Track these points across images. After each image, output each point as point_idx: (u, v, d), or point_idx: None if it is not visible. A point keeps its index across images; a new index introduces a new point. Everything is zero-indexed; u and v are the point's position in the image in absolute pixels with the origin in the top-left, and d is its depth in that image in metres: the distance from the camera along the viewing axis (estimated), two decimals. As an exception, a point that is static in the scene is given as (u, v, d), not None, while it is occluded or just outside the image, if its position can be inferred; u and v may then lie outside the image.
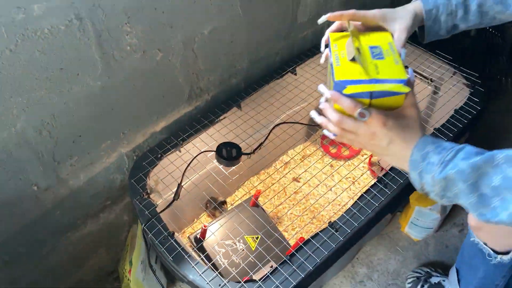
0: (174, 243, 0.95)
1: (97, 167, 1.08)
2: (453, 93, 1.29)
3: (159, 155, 1.11)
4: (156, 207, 1.01)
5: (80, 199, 1.09)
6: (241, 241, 1.31)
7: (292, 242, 1.36)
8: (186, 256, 0.92)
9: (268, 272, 0.89)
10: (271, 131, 1.16)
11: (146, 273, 1.16)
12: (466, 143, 0.54)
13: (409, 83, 0.56)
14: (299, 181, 1.54)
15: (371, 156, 1.58)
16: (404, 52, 0.63)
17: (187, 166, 1.05)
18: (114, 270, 1.35)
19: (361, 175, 1.54)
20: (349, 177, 1.54)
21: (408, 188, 1.05)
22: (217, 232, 1.30)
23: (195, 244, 1.29)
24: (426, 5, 0.68)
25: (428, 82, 1.42)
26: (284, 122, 1.18)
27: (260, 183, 1.53)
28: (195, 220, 1.45)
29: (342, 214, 0.99)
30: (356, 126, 0.57)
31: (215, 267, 1.25)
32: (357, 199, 1.01)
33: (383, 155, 0.60)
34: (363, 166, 1.59)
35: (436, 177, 0.53)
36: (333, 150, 1.61)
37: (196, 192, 1.19)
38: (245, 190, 1.52)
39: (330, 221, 0.97)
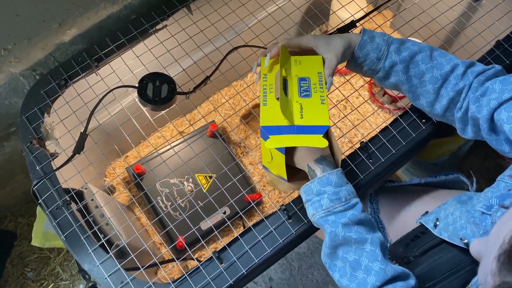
0: (69, 216, 0.71)
1: (-24, 93, 0.79)
2: (500, 12, 0.88)
3: (63, 82, 0.79)
4: (51, 160, 0.75)
5: (-36, 130, 0.83)
6: (191, 180, 1.08)
7: (260, 184, 1.12)
8: (82, 238, 0.69)
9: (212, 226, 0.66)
10: (225, 57, 0.81)
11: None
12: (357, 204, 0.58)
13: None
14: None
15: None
16: (331, 82, 0.63)
17: (96, 106, 0.74)
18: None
19: (360, 103, 1.22)
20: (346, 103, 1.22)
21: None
22: (161, 167, 1.06)
23: (133, 179, 1.06)
24: (362, 43, 0.64)
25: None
26: (246, 45, 0.81)
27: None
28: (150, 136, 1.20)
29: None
30: None
31: (155, 211, 1.04)
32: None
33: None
34: (362, 88, 1.25)
35: (314, 218, 0.59)
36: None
37: (105, 144, 0.89)
38: (202, 113, 1.22)
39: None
